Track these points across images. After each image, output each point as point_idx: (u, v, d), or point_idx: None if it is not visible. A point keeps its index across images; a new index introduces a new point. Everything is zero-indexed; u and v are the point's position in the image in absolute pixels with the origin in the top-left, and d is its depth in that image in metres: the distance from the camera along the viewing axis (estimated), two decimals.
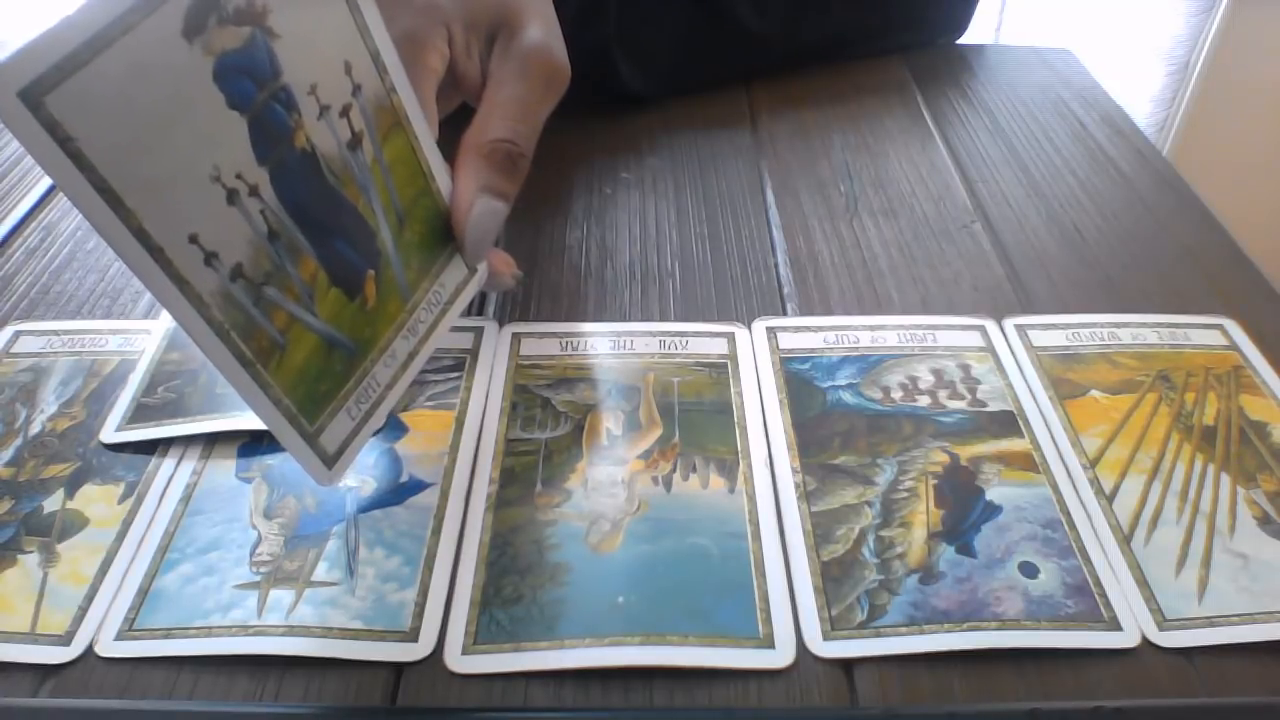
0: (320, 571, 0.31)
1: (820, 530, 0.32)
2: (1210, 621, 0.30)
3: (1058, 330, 0.41)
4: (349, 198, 0.30)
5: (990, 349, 0.40)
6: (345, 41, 0.29)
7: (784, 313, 0.42)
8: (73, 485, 0.34)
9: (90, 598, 0.30)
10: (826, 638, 0.29)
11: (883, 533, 0.32)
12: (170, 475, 0.34)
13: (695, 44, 0.57)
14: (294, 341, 0.28)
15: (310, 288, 0.29)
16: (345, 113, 0.29)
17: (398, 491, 0.34)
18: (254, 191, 0.27)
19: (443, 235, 0.34)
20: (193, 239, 0.25)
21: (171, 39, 0.24)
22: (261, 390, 0.27)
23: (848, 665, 0.29)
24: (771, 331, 0.40)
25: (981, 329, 0.41)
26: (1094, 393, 0.38)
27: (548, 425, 0.36)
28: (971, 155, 0.54)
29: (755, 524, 0.33)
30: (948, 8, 0.65)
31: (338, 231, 0.30)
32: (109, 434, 0.36)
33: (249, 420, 0.36)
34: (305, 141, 0.28)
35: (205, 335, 0.26)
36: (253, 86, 0.26)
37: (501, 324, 0.41)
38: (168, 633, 0.29)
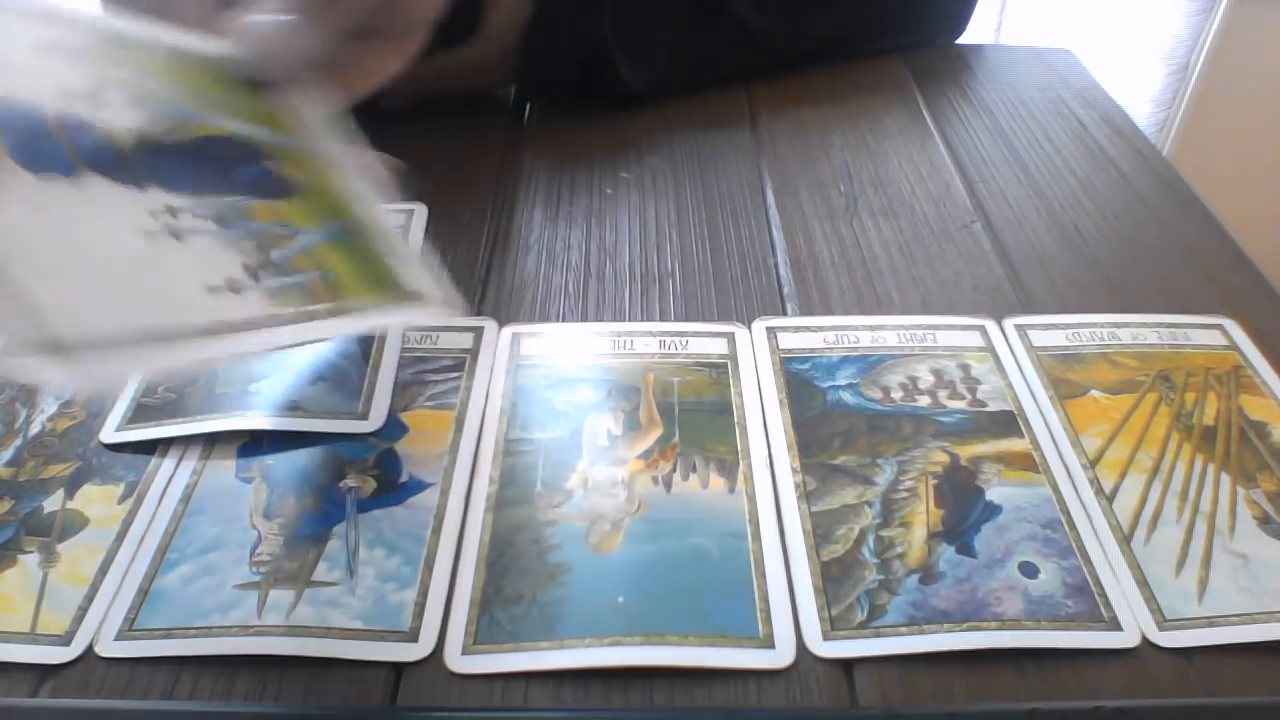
0: (320, 571, 0.31)
1: (820, 530, 0.32)
2: (1210, 621, 0.30)
3: (1058, 330, 0.41)
4: (199, 136, 0.29)
5: (990, 349, 0.40)
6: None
7: (784, 313, 0.42)
8: (73, 485, 0.34)
9: (90, 598, 0.30)
10: (826, 638, 0.29)
11: (883, 533, 0.32)
12: (170, 475, 0.34)
13: (694, 42, 0.57)
14: (330, 264, 0.29)
15: (283, 221, 0.29)
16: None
17: (398, 491, 0.34)
18: (174, 212, 0.26)
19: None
20: (212, 290, 0.26)
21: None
22: (360, 315, 0.28)
23: (848, 665, 0.29)
24: (771, 331, 0.40)
25: (981, 329, 0.41)
26: (1094, 393, 0.38)
27: (548, 425, 0.36)
28: (971, 155, 0.54)
29: (755, 524, 0.33)
30: (946, 7, 0.65)
31: (233, 164, 0.30)
32: (109, 434, 0.36)
33: (249, 420, 0.36)
34: (125, 135, 0.27)
35: (302, 332, 0.26)
36: (46, 143, 0.25)
37: (501, 324, 0.41)
38: (167, 633, 0.29)
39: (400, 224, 0.47)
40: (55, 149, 0.25)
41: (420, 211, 0.48)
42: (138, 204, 0.27)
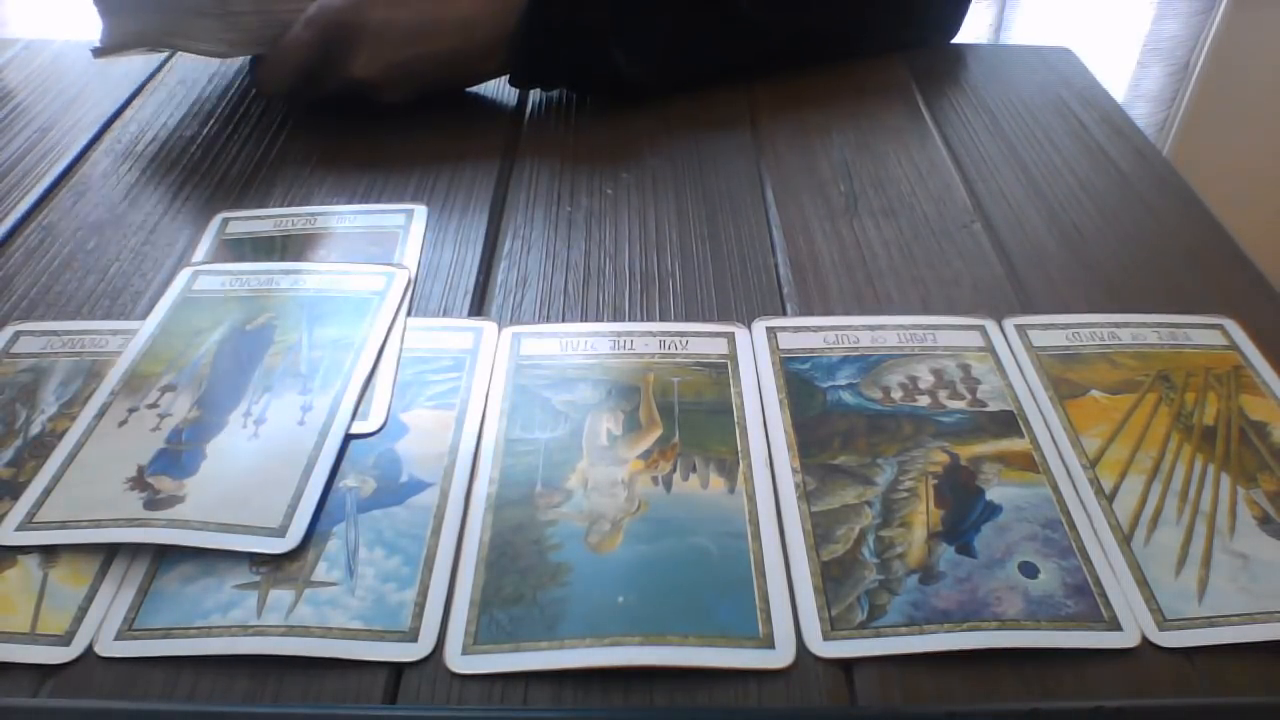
0: (320, 571, 0.31)
1: (820, 530, 0.32)
2: (1210, 621, 0.30)
3: (1058, 330, 0.41)
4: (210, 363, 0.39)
5: (990, 349, 0.40)
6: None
7: (784, 313, 0.42)
8: None
9: (90, 598, 0.30)
10: (826, 638, 0.29)
11: (883, 533, 0.32)
12: None
13: (690, 31, 0.57)
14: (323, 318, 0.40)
15: (280, 342, 0.40)
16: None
17: (398, 491, 0.34)
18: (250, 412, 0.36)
19: None
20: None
21: None
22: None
23: (848, 665, 0.29)
24: (771, 331, 0.40)
25: (981, 329, 0.41)
26: (1094, 393, 0.38)
27: (548, 425, 0.36)
28: (971, 155, 0.54)
29: (755, 524, 0.33)
30: (939, 8, 0.65)
31: (243, 355, 0.39)
32: None
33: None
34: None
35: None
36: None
37: (501, 324, 0.41)
38: (167, 632, 0.29)
39: (399, 224, 0.47)
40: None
41: (420, 212, 0.48)
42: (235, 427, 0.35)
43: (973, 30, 0.67)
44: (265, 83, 0.55)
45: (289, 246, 0.45)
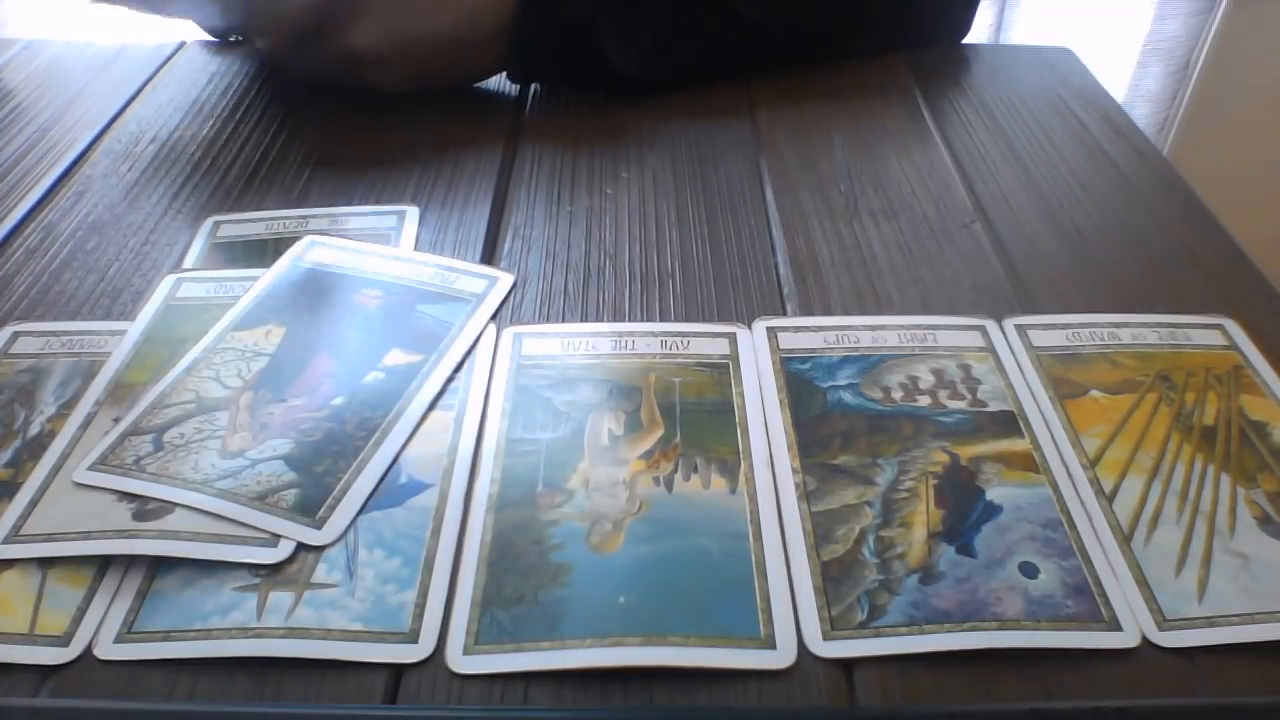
0: (320, 573, 0.31)
1: (820, 530, 0.32)
2: (1210, 621, 0.30)
3: (1058, 330, 0.41)
4: None
5: (990, 349, 0.40)
6: None
7: (784, 313, 0.42)
8: None
9: (89, 599, 0.30)
10: (826, 638, 0.29)
11: (883, 533, 0.32)
12: None
13: (686, 27, 0.57)
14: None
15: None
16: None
17: (397, 492, 0.34)
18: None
19: None
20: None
21: None
22: None
23: (848, 665, 0.29)
24: (772, 331, 0.40)
25: (981, 329, 0.41)
26: (1094, 393, 0.38)
27: (549, 425, 0.36)
28: (971, 155, 0.54)
29: (757, 524, 0.32)
30: (946, 8, 0.65)
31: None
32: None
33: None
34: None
35: None
36: None
37: (502, 324, 0.41)
38: (166, 635, 0.29)
39: (391, 226, 0.47)
40: None
41: (412, 213, 0.48)
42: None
43: (972, 30, 0.66)
44: (262, 35, 0.54)
45: (281, 250, 0.45)
